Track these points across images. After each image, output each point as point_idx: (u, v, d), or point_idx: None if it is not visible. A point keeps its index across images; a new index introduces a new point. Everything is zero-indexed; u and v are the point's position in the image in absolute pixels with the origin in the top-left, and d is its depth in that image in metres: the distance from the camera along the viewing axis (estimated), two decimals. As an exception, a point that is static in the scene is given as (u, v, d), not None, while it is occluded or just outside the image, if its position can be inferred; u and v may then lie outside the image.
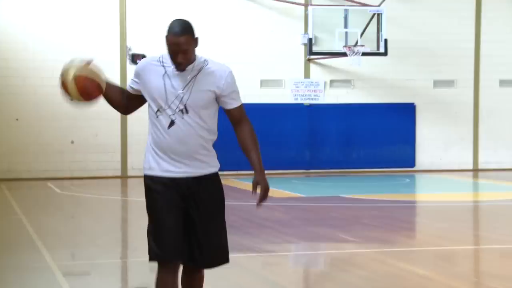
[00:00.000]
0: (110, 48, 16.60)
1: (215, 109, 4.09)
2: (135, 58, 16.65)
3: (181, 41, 3.93)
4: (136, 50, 16.70)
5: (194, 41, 3.98)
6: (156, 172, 4.05)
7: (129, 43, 16.73)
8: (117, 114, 16.70)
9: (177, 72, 4.01)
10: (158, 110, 4.00)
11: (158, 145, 4.04)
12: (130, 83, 4.20)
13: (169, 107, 3.99)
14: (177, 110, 3.99)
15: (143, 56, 16.65)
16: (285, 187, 14.24)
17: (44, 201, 12.92)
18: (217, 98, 4.06)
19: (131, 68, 16.66)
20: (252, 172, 4.01)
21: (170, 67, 4.02)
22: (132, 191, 14.66)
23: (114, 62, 16.55)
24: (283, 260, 7.55)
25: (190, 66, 4.00)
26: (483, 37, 18.33)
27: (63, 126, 16.50)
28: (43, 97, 16.40)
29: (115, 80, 16.52)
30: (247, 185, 12.66)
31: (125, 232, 9.85)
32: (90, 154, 16.53)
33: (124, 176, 16.53)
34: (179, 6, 16.51)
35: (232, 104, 4.09)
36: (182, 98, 3.99)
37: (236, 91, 4.10)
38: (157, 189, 4.04)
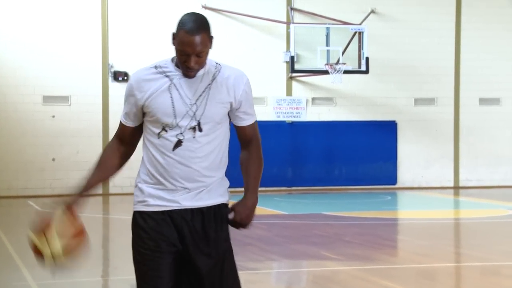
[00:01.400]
0: (92, 65, 16.56)
1: (228, 126, 3.32)
2: (117, 75, 16.62)
3: (197, 40, 3.11)
4: (118, 67, 16.68)
5: (211, 41, 3.19)
6: (152, 206, 3.22)
7: (111, 61, 16.70)
8: (98, 131, 16.65)
9: (185, 80, 3.19)
10: (162, 129, 3.18)
11: (156, 172, 3.21)
12: (124, 117, 3.30)
13: (178, 125, 3.17)
14: (188, 127, 3.17)
15: (126, 74, 16.64)
16: (267, 205, 14.22)
17: (24, 219, 12.81)
18: (230, 112, 3.28)
19: (113, 86, 16.63)
20: (241, 189, 3.57)
21: (176, 74, 3.20)
22: (113, 208, 14.58)
23: (96, 79, 16.51)
24: (266, 278, 7.52)
25: (201, 72, 3.20)
26: (463, 56, 18.51)
27: (44, 143, 16.41)
28: (23, 115, 16.31)
29: (97, 97, 16.50)
30: (232, 203, 12.63)
31: (106, 250, 9.78)
32: (71, 171, 16.43)
33: (105, 194, 16.44)
34: (161, 24, 16.52)
35: (247, 120, 3.33)
36: (195, 112, 3.17)
37: (252, 104, 3.37)
38: (150, 230, 3.21)
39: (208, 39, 3.18)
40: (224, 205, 3.34)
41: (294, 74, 17.45)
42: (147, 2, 16.80)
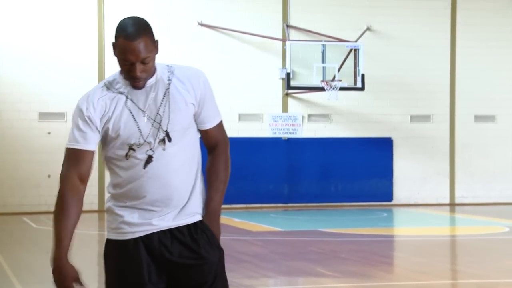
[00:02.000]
0: (89, 82, 16.56)
1: (196, 130, 3.03)
2: (113, 92, 16.64)
3: (139, 46, 2.83)
4: (114, 84, 16.69)
5: (155, 45, 2.92)
6: (127, 233, 2.90)
7: (107, 77, 16.70)
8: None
9: (140, 92, 2.90)
10: (129, 149, 2.90)
11: (129, 194, 2.91)
12: (81, 140, 2.91)
13: (146, 141, 2.89)
14: (157, 141, 2.89)
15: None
16: (263, 221, 14.19)
17: (19, 236, 12.76)
18: (194, 115, 3.00)
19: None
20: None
21: (124, 87, 2.92)
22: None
23: (92, 95, 16.52)
24: (261, 295, 7.49)
25: (151, 79, 2.91)
26: (458, 73, 18.58)
27: (40, 160, 16.38)
28: (19, 131, 16.30)
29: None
30: (228, 220, 12.61)
31: (101, 267, 9.73)
32: (67, 188, 16.35)
33: (101, 210, 16.40)
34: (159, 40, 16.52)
35: (211, 121, 3.02)
36: (160, 123, 2.89)
37: (215, 102, 3.05)
38: (127, 260, 2.90)
39: (151, 43, 2.89)
40: (202, 221, 3.00)
41: (290, 91, 17.49)
42: (144, 17, 16.82)
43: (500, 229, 13.15)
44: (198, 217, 2.98)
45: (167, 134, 2.90)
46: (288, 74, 16.71)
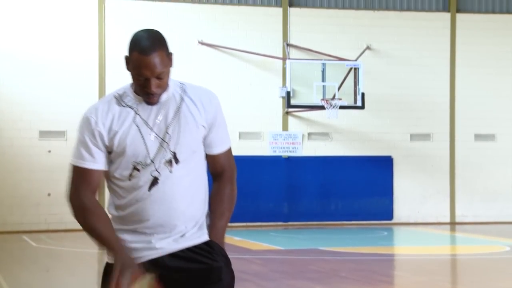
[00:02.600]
0: (89, 100, 16.60)
1: (203, 153, 2.86)
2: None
3: (154, 61, 2.66)
4: (114, 102, 16.73)
5: (170, 59, 2.74)
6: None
7: (107, 89, 16.77)
8: (94, 166, 16.62)
9: (150, 108, 2.75)
10: (134, 169, 2.74)
11: (130, 218, 2.76)
12: (89, 158, 2.75)
13: (152, 160, 2.72)
14: (163, 162, 2.73)
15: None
16: (263, 240, 14.16)
17: (19, 254, 12.73)
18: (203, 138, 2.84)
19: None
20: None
21: (138, 103, 2.76)
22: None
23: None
24: (261, 314, 7.45)
25: (164, 96, 2.77)
26: (458, 92, 18.63)
27: (40, 178, 16.37)
28: (19, 150, 16.31)
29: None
30: (228, 238, 12.59)
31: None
32: (67, 206, 16.28)
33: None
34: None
35: (220, 147, 2.86)
36: (168, 143, 2.74)
37: (226, 128, 2.90)
38: None
39: (167, 57, 2.71)
40: (210, 242, 2.83)
41: (290, 109, 17.52)
42: (144, 38, 16.91)
43: (500, 248, 13.12)
44: (206, 238, 2.82)
45: (174, 155, 2.73)
46: (288, 93, 16.74)
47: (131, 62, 2.70)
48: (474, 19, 18.72)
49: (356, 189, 18.01)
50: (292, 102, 16.89)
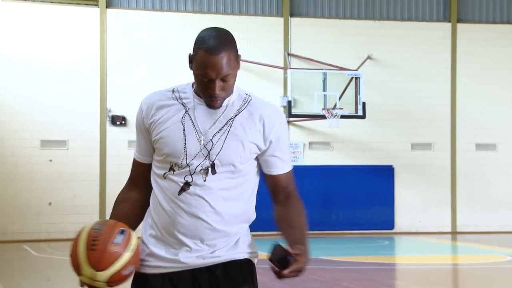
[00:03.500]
0: (90, 110, 16.64)
1: (255, 172, 2.69)
2: (115, 120, 16.69)
3: (221, 61, 2.48)
4: (116, 112, 16.75)
5: (238, 63, 2.56)
6: (151, 267, 2.63)
7: (109, 105, 16.78)
8: (95, 175, 16.64)
9: (203, 110, 2.58)
10: (170, 169, 2.59)
11: (160, 221, 2.61)
12: (137, 151, 2.71)
13: (188, 164, 2.57)
14: (199, 168, 2.56)
15: (123, 118, 16.71)
16: (264, 249, 14.12)
17: (20, 264, 12.72)
18: (259, 156, 2.65)
19: (110, 130, 16.67)
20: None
21: (193, 102, 2.60)
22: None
23: (94, 124, 16.57)
24: (262, 324, 7.44)
25: (224, 102, 2.60)
26: (459, 102, 18.64)
27: (41, 187, 16.37)
28: (20, 159, 16.32)
29: (94, 142, 16.52)
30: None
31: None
32: (68, 215, 16.38)
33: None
34: (160, 69, 16.65)
35: (281, 167, 2.68)
36: (209, 151, 2.56)
37: (288, 149, 2.71)
38: None
39: (235, 58, 2.52)
40: (248, 262, 2.67)
41: (291, 119, 17.54)
42: (145, 47, 16.96)
43: (501, 258, 13.10)
44: (238, 256, 2.66)
45: (212, 165, 2.55)
46: (289, 102, 16.76)
47: (195, 61, 2.51)
48: (475, 29, 18.75)
49: (357, 198, 18.00)
50: (293, 111, 16.91)
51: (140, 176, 2.69)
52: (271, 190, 2.73)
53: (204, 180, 2.55)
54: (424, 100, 18.44)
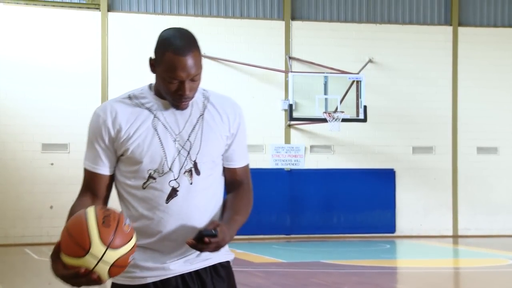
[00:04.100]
0: (91, 113, 16.60)
1: (222, 167, 2.64)
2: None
3: (190, 62, 2.43)
4: (117, 115, 16.76)
5: (201, 61, 2.52)
6: (138, 279, 2.53)
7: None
8: (97, 179, 16.63)
9: (171, 113, 2.53)
10: (149, 178, 2.49)
11: (142, 232, 2.50)
12: (92, 162, 2.58)
13: (170, 168, 2.49)
14: (183, 171, 2.49)
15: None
16: (265, 252, 14.13)
17: (21, 267, 12.72)
18: None
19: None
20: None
21: (157, 105, 2.54)
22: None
23: (95, 127, 16.57)
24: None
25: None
26: (460, 105, 18.64)
27: (42, 191, 16.38)
28: (22, 162, 16.32)
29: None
30: (238, 253, 12.54)
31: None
32: (69, 219, 16.34)
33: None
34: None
35: (239, 161, 2.66)
36: (189, 151, 2.51)
37: (246, 143, 2.72)
38: None
39: (200, 58, 2.48)
40: (228, 264, 2.64)
41: (292, 122, 17.54)
42: (146, 50, 16.96)
43: (503, 261, 13.08)
44: (223, 258, 2.61)
45: (195, 165, 2.49)
46: (290, 106, 16.77)
47: (162, 64, 2.44)
48: (476, 32, 18.76)
49: (359, 202, 17.99)
50: (295, 115, 16.91)
51: (97, 188, 2.58)
52: (227, 183, 2.65)
53: (191, 183, 2.49)
54: (425, 104, 18.43)
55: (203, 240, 2.38)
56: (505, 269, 12.14)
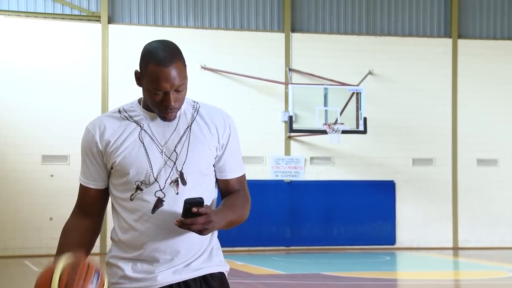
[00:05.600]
0: (91, 119, 16.63)
1: (214, 178, 2.65)
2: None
3: (174, 73, 2.48)
4: (117, 126, 16.77)
5: (186, 72, 2.59)
6: None
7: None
8: (97, 191, 16.62)
9: (157, 124, 2.57)
10: (137, 189, 2.53)
11: (131, 243, 2.55)
12: (84, 177, 2.63)
13: (156, 179, 2.52)
14: (169, 182, 2.52)
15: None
16: (265, 264, 14.10)
17: (20, 279, 12.69)
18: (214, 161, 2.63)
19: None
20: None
21: (142, 117, 2.61)
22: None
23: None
24: None
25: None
26: (460, 117, 18.65)
27: (42, 202, 16.37)
28: (22, 174, 16.32)
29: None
30: (230, 262, 12.54)
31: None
32: (69, 230, 16.32)
33: (103, 253, 16.33)
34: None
35: (232, 172, 2.65)
36: (175, 162, 2.53)
37: (240, 153, 2.69)
38: None
39: (184, 68, 2.54)
40: (221, 275, 2.62)
41: (292, 134, 17.55)
42: (147, 63, 17.00)
43: (503, 273, 13.05)
44: (215, 269, 2.60)
45: (181, 175, 2.51)
46: (290, 117, 16.78)
47: (146, 76, 2.50)
48: (476, 44, 18.80)
49: (359, 213, 17.97)
50: (295, 126, 16.92)
51: (89, 202, 2.63)
52: (222, 194, 2.66)
53: (177, 193, 2.51)
54: (425, 116, 18.45)
55: (191, 212, 2.37)
56: (506, 281, 12.11)
